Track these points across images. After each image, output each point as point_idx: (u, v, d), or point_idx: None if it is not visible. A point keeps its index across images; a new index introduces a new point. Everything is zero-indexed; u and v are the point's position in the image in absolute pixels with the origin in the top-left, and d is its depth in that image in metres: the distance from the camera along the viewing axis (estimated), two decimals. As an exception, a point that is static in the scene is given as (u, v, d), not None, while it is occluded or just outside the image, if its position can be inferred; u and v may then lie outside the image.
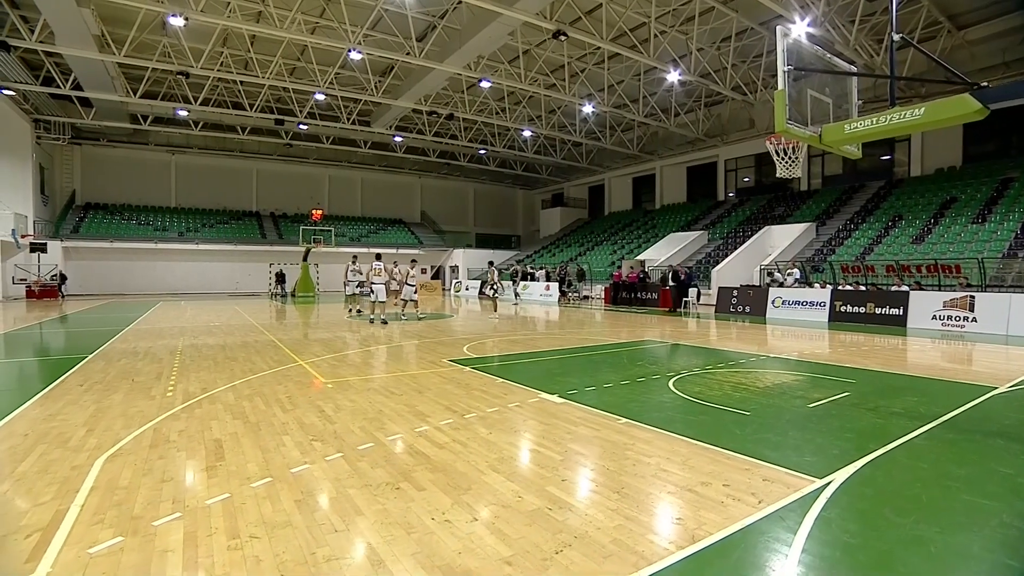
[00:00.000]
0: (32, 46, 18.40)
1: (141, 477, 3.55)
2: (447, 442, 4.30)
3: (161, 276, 30.62)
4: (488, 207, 46.75)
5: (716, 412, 5.12)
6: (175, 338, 10.88)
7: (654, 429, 4.56)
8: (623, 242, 31.13)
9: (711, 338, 11.22)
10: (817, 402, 5.49)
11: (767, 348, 9.64)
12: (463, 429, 4.65)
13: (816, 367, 7.66)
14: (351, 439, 4.39)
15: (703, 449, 4.05)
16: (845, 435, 4.38)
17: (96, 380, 6.68)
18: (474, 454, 4.00)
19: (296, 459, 3.91)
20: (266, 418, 4.99)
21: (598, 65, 24.55)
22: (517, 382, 6.55)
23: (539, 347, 9.75)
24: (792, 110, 5.41)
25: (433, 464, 3.81)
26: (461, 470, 3.69)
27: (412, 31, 20.19)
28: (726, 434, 4.43)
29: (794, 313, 15.57)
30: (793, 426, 4.65)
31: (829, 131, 5.52)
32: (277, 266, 26.60)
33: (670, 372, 7.09)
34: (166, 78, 23.89)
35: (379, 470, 3.71)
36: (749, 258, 21.35)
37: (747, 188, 30.78)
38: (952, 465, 3.76)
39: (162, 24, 18.79)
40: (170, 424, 4.77)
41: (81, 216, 30.08)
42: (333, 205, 39.51)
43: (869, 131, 5.24)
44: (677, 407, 5.34)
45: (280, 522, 2.94)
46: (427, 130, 32.10)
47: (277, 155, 36.58)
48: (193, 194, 34.73)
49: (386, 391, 6.15)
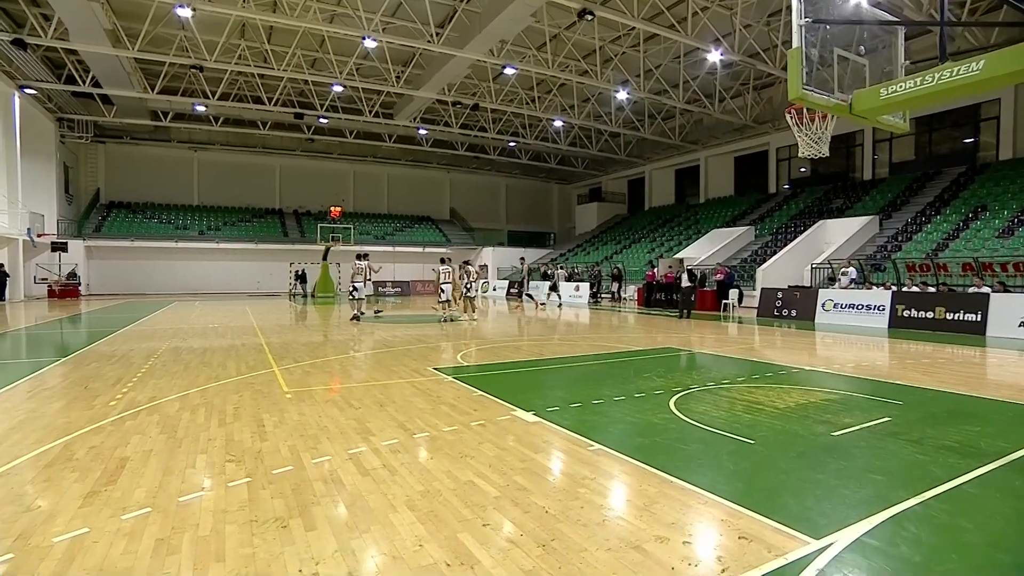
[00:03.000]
0: (47, 43, 19.19)
1: (4, 506, 3.25)
2: (375, 468, 3.86)
3: (181, 276, 31.64)
4: (521, 203, 46.29)
5: (713, 439, 4.47)
6: (163, 340, 10.91)
7: (627, 459, 3.97)
8: (663, 239, 30.09)
9: (741, 346, 10.37)
10: (845, 429, 4.74)
11: (804, 359, 8.76)
12: (403, 452, 4.21)
13: (857, 383, 6.82)
14: (271, 461, 4.02)
15: (677, 488, 3.44)
16: (869, 476, 3.66)
17: (49, 386, 6.59)
18: (398, 485, 3.54)
19: (194, 485, 3.56)
20: (195, 433, 4.69)
21: (633, 48, 23.71)
22: (495, 396, 6.05)
23: (542, 354, 9.22)
24: (814, 73, 4.69)
25: (344, 495, 3.38)
26: (371, 505, 3.24)
27: (431, 16, 19.98)
28: (714, 468, 3.80)
29: (847, 318, 14.40)
30: (804, 461, 3.96)
31: (861, 97, 4.77)
32: (298, 265, 26.92)
33: (677, 387, 6.43)
34: (184, 73, 24.56)
35: (278, 501, 3.30)
36: (800, 256, 20.07)
37: (803, 179, 29.17)
38: (1011, 527, 3.02)
39: (177, 17, 19.21)
40: (87, 439, 4.52)
41: (104, 215, 31.44)
42: (358, 202, 39.96)
43: (910, 95, 4.48)
44: (668, 431, 4.71)
45: (119, 569, 2.55)
46: (454, 122, 31.94)
47: (300, 151, 37.28)
48: (216, 192, 35.79)
49: (345, 403, 5.78)
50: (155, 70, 23.89)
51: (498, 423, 4.98)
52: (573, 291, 24.71)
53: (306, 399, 5.97)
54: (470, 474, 3.74)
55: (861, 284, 16.27)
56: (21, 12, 18.65)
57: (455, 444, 4.39)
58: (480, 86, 27.63)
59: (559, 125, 32.09)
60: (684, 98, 26.65)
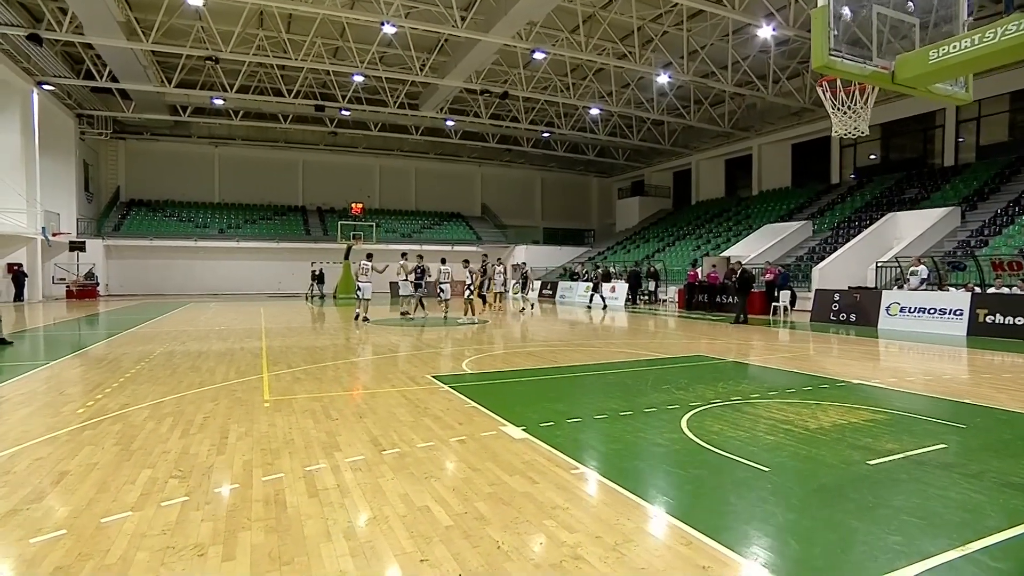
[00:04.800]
0: (63, 37, 20.08)
1: (-85, 520, 3.21)
2: (327, 488, 3.69)
3: (201, 276, 32.66)
4: (558, 198, 45.91)
5: (721, 464, 4.10)
6: (161, 343, 11.13)
7: (611, 486, 3.67)
8: (710, 236, 29.25)
9: (783, 355, 9.81)
10: (885, 457, 4.28)
11: (855, 370, 8.18)
12: (365, 471, 4.02)
13: (914, 401, 6.26)
14: (219, 477, 3.91)
15: (659, 524, 3.13)
16: (901, 519, 3.22)
17: (24, 391, 6.72)
18: (344, 509, 3.36)
19: (124, 504, 3.46)
20: (151, 445, 4.64)
21: (676, 27, 23.11)
22: (488, 408, 5.82)
23: (557, 362, 8.93)
24: (848, 36, 4.27)
25: (281, 520, 3.21)
26: (306, 532, 3.05)
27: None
28: (710, 501, 3.45)
29: (917, 323, 13.51)
30: (823, 496, 3.56)
31: (907, 63, 4.32)
32: (317, 264, 27.38)
33: (697, 401, 6.04)
34: (202, 66, 25.33)
35: (207, 525, 3.16)
36: (864, 253, 19.08)
37: (871, 166, 27.79)
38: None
39: (191, 6, 19.77)
40: (36, 450, 4.52)
41: (124, 213, 32.79)
42: (384, 198, 40.42)
43: (967, 56, 4.02)
44: (671, 453, 4.37)
45: (1, 601, 2.43)
46: (483, 112, 31.93)
47: (324, 145, 37.97)
48: (237, 188, 36.83)
49: (323, 413, 5.66)
50: (171, 63, 24.73)
51: (480, 439, 4.74)
52: (609, 292, 24.24)
53: (284, 408, 5.88)
54: (428, 499, 3.52)
55: (935, 285, 15.28)
56: (38, 6, 19.59)
57: (424, 463, 4.18)
58: (510, 73, 27.46)
59: (595, 113, 31.59)
60: (734, 80, 25.77)
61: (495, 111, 32.30)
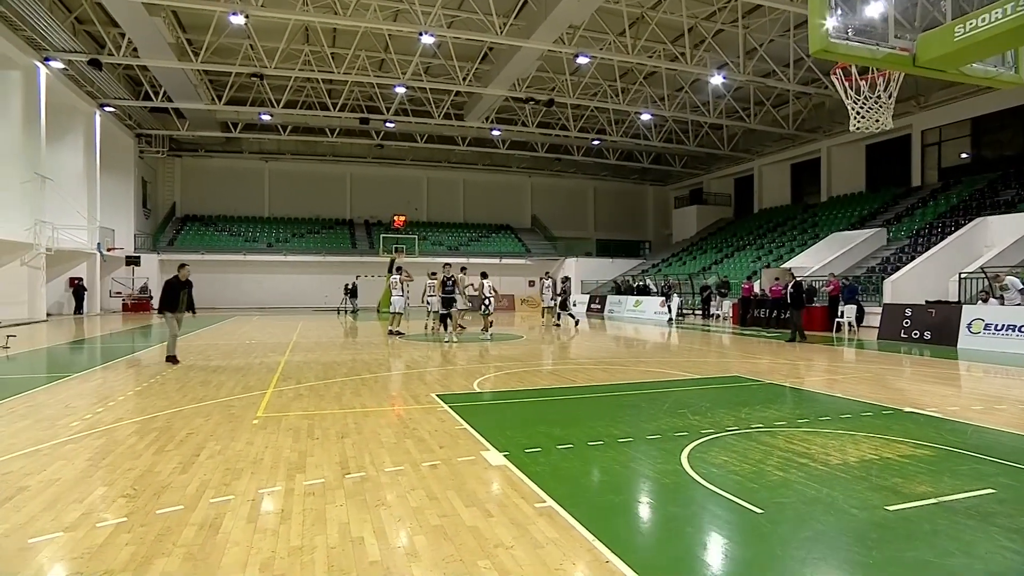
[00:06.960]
0: (119, 61, 21.56)
1: None
2: (269, 513, 3.61)
3: (249, 289, 34.05)
4: (611, 208, 45.31)
5: (710, 503, 3.74)
6: (185, 357, 11.51)
7: (572, 524, 3.38)
8: (772, 246, 28.00)
9: (831, 377, 9.09)
10: (912, 502, 3.76)
11: (908, 396, 7.45)
12: (318, 495, 3.92)
13: (973, 434, 5.59)
14: (169, 498, 3.89)
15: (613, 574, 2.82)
16: None
17: (33, 404, 7.03)
18: (275, 538, 3.24)
19: (63, 523, 3.48)
20: (121, 462, 4.70)
21: (731, 24, 22.45)
22: (479, 430, 5.62)
23: (575, 381, 8.64)
24: (857, 16, 3.88)
25: (205, 547, 3.13)
26: (224, 563, 2.95)
27: (492, 6, 20.04)
28: (683, 547, 3.12)
29: (1005, 343, 12.32)
30: (819, 546, 3.15)
31: (928, 42, 3.89)
32: (352, 278, 28.10)
33: (709, 428, 5.61)
34: (251, 83, 26.59)
35: (128, 550, 3.11)
36: (947, 263, 17.69)
37: (958, 167, 25.88)
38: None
39: (234, 26, 20.80)
40: (9, 464, 4.66)
41: (179, 228, 34.72)
42: (432, 210, 41.05)
43: (998, 30, 3.54)
44: (657, 488, 4.03)
45: None
46: (530, 121, 31.99)
47: (371, 158, 39.00)
48: (286, 203, 38.32)
49: (307, 432, 5.63)
50: (221, 80, 26.09)
51: (453, 465, 4.55)
52: (659, 307, 23.54)
53: (270, 426, 5.88)
54: (367, 529, 3.35)
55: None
56: (100, 33, 21.12)
57: (382, 489, 4.03)
58: (556, 80, 27.40)
59: (648, 119, 31.03)
60: (797, 79, 24.71)
61: (543, 119, 32.28)
